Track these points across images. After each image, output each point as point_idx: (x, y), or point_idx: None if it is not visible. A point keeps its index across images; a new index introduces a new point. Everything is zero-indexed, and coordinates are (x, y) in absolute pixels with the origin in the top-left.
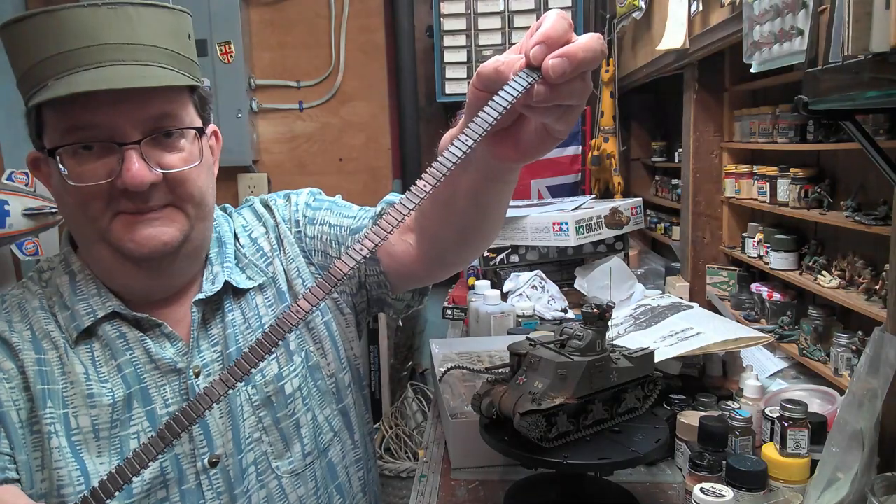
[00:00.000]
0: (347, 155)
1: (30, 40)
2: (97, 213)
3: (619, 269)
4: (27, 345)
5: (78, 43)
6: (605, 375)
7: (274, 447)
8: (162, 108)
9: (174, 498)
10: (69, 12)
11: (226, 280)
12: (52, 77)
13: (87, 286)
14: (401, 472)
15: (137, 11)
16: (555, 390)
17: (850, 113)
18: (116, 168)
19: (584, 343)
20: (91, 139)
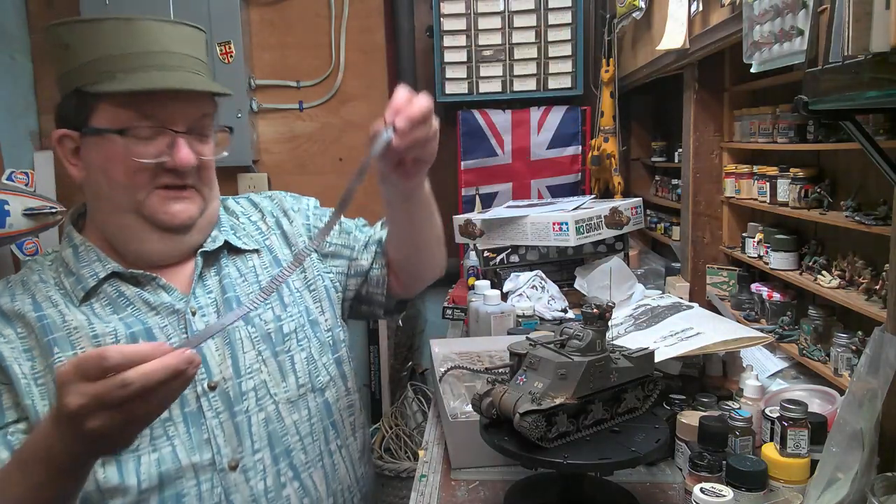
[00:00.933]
0: (347, 155)
1: (100, 38)
2: (141, 185)
3: (619, 269)
4: (28, 307)
5: (148, 47)
6: (605, 375)
7: (272, 377)
8: (203, 109)
9: (177, 419)
10: (142, 22)
11: (225, 239)
12: (120, 71)
13: (87, 254)
14: (401, 472)
15: (189, 31)
16: (555, 390)
17: (850, 113)
18: (165, 151)
19: (584, 343)
20: (153, 126)
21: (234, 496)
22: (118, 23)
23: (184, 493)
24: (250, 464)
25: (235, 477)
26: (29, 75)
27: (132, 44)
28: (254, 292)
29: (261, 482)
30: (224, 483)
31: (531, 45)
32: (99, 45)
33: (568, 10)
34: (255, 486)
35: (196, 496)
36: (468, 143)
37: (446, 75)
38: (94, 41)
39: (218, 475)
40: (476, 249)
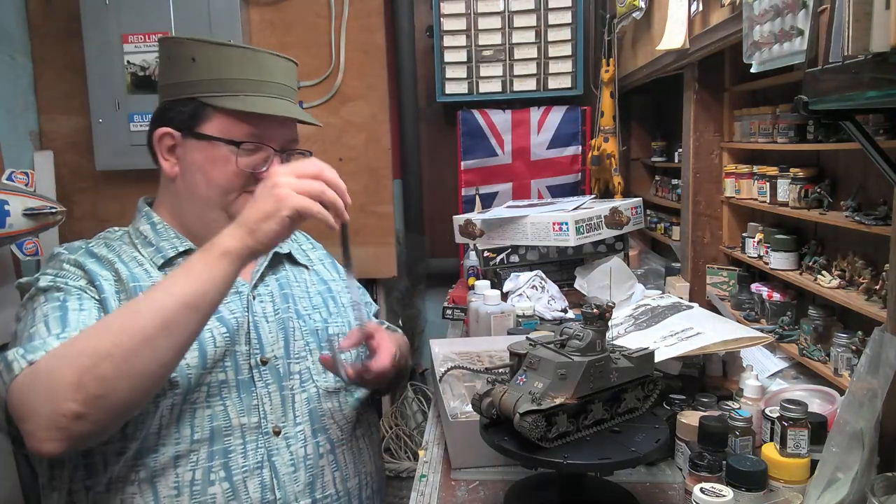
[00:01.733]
0: (347, 155)
1: (227, 60)
2: (234, 189)
3: (619, 269)
4: (118, 261)
5: (265, 76)
6: (605, 375)
7: (316, 366)
8: (295, 135)
9: (231, 384)
10: (263, 54)
11: (289, 250)
12: (244, 92)
13: (166, 231)
14: (401, 472)
15: (291, 65)
16: (555, 390)
17: (850, 113)
18: (261, 164)
19: (584, 343)
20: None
21: (275, 458)
22: (245, 51)
23: (230, 449)
24: (292, 433)
25: (278, 441)
26: (29, 75)
27: (254, 71)
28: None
29: (301, 449)
30: (267, 445)
31: (531, 45)
32: (224, 66)
33: (568, 10)
34: (294, 451)
35: (241, 453)
36: (468, 143)
37: (446, 75)
38: (220, 61)
39: (263, 437)
40: (476, 249)
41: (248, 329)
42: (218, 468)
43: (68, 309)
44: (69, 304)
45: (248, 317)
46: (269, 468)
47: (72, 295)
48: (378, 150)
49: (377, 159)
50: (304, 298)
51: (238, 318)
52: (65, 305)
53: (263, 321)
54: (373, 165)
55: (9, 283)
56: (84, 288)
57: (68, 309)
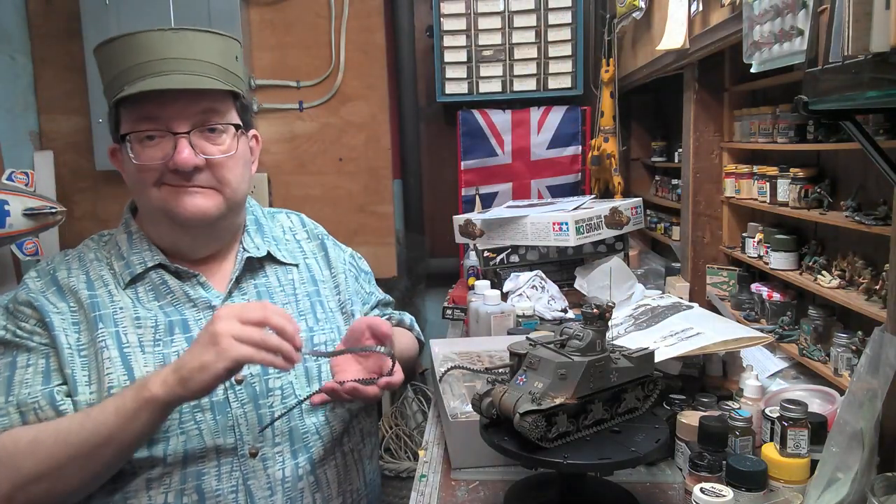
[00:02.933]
0: (347, 155)
1: (113, 56)
2: (150, 183)
3: (619, 269)
4: (82, 285)
5: (148, 56)
6: (605, 375)
7: (298, 380)
8: (208, 106)
9: (205, 406)
10: (143, 34)
11: (268, 250)
12: (127, 83)
13: (140, 243)
14: (401, 472)
15: (195, 35)
16: (555, 390)
17: (850, 113)
18: (170, 153)
19: (584, 343)
20: (153, 129)
21: (251, 481)
22: (126, 38)
23: (204, 472)
24: (269, 454)
25: (254, 464)
26: (29, 75)
27: (137, 56)
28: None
29: (279, 471)
30: (243, 468)
31: (531, 45)
32: (114, 62)
33: (568, 10)
34: (272, 474)
35: (216, 476)
36: (468, 143)
37: (446, 75)
38: (111, 59)
39: (238, 460)
40: (476, 249)
41: None
42: (191, 491)
43: (16, 366)
44: (18, 360)
45: None
46: (245, 492)
47: (20, 348)
48: (378, 150)
49: (377, 159)
50: (289, 304)
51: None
52: (14, 362)
53: None
54: (373, 165)
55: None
56: (32, 331)
57: (16, 366)
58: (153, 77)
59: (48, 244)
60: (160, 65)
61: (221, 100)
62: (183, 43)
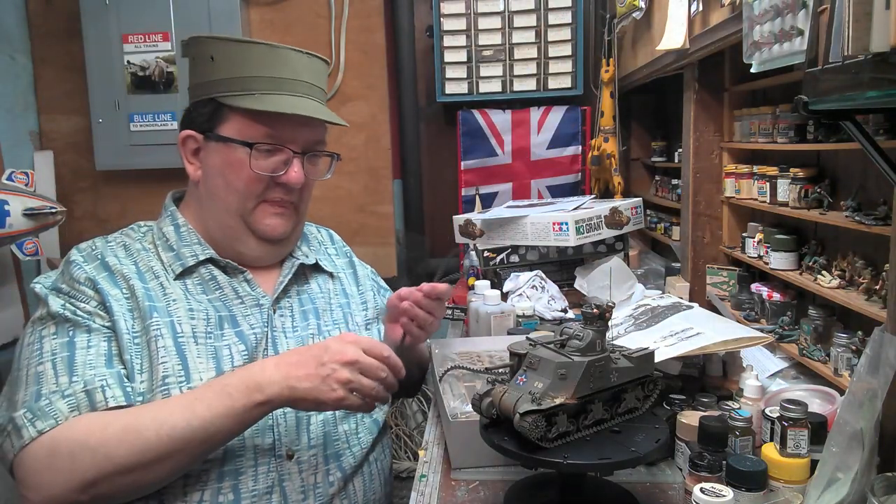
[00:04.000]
0: (347, 155)
1: (245, 58)
2: (253, 192)
3: (619, 269)
4: (132, 272)
5: (286, 74)
6: (605, 375)
7: None
8: (320, 136)
9: None
10: (285, 51)
11: (316, 259)
12: (260, 90)
13: (189, 236)
14: (401, 472)
15: (319, 63)
16: (555, 390)
17: (850, 113)
18: (281, 167)
19: (584, 343)
20: (274, 145)
21: (286, 483)
22: (264, 48)
23: (241, 471)
24: (304, 457)
25: (290, 466)
26: (29, 75)
27: (272, 69)
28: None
29: (311, 476)
30: (279, 469)
31: (531, 45)
32: (243, 65)
33: (568, 10)
34: (305, 478)
35: (252, 476)
36: (468, 143)
37: (446, 75)
38: (239, 59)
39: (275, 461)
40: (476, 249)
41: (267, 345)
42: (227, 490)
43: (76, 347)
44: (77, 341)
45: (267, 332)
46: (280, 493)
47: (80, 327)
48: (378, 150)
49: (377, 159)
50: (326, 311)
51: (257, 334)
52: (73, 342)
53: (283, 337)
54: (373, 165)
55: (9, 282)
56: (94, 312)
57: (76, 347)
58: (290, 96)
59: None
60: (295, 85)
61: (324, 130)
62: (312, 68)
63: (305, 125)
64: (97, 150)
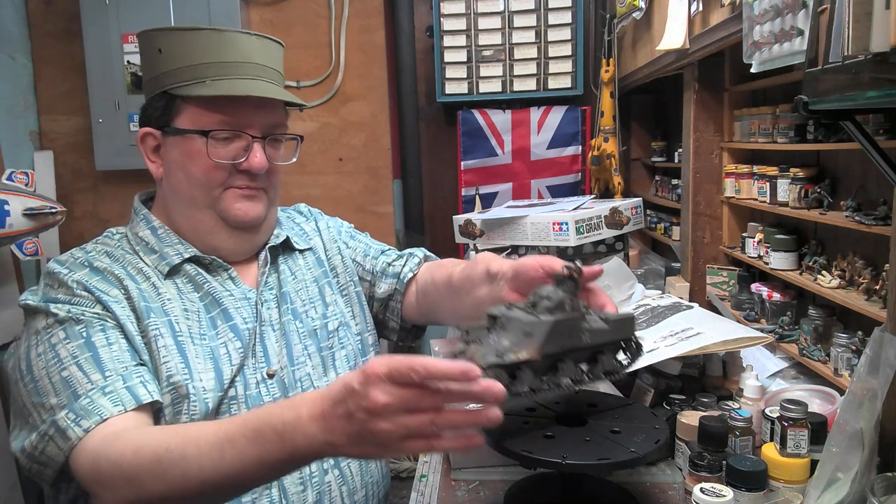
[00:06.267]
0: (347, 155)
1: (193, 46)
2: (217, 181)
3: (619, 269)
4: (124, 274)
5: (235, 57)
6: (574, 335)
7: (315, 370)
8: (279, 119)
9: (241, 399)
10: (232, 34)
11: (287, 235)
12: (210, 77)
13: (168, 237)
14: (401, 472)
15: (272, 44)
16: (520, 347)
17: (850, 113)
18: (242, 153)
19: (552, 303)
20: (231, 131)
21: (284, 477)
22: (211, 33)
23: None
24: None
25: None
26: (29, 75)
27: (221, 53)
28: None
29: (307, 467)
30: None
31: (531, 45)
32: (190, 53)
33: (568, 10)
34: (303, 469)
35: None
36: (468, 143)
37: (446, 75)
38: (186, 48)
39: None
40: (476, 249)
41: (255, 340)
42: None
43: (96, 346)
44: (95, 340)
45: (256, 326)
46: (279, 487)
47: (93, 327)
48: (378, 150)
49: (377, 159)
50: (301, 291)
51: (249, 329)
52: (91, 343)
53: (269, 329)
54: (373, 165)
55: (9, 283)
56: (102, 316)
57: (96, 346)
58: (241, 79)
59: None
60: (245, 68)
61: (284, 113)
62: (264, 50)
63: (262, 108)
64: (97, 150)
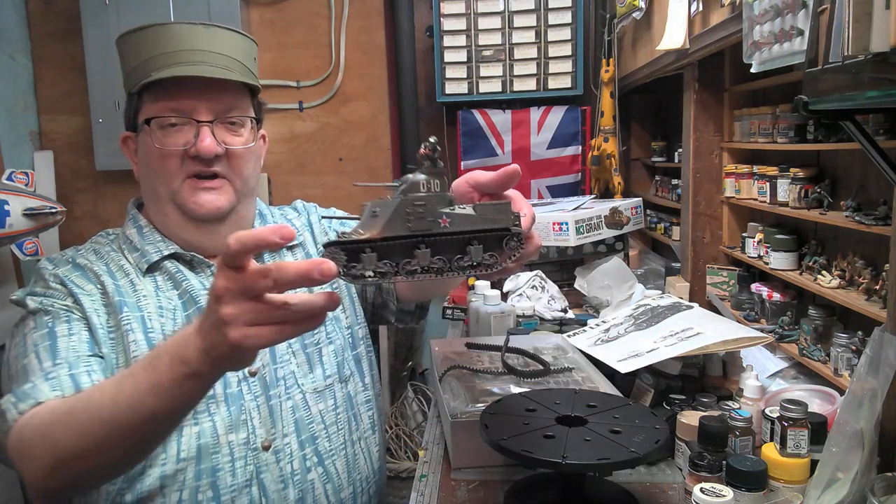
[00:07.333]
0: (347, 155)
1: (143, 44)
2: (173, 172)
3: (619, 269)
4: (104, 273)
5: (177, 46)
6: (429, 219)
7: (300, 368)
8: (229, 102)
9: (219, 398)
10: (175, 26)
11: None
12: (155, 70)
13: (152, 235)
14: (401, 472)
15: (222, 32)
16: (364, 228)
17: (850, 113)
18: (192, 140)
19: (406, 185)
20: (177, 117)
21: (264, 475)
22: (157, 28)
23: (219, 468)
24: (280, 446)
25: (267, 457)
26: (29, 75)
27: (166, 45)
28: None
29: (288, 465)
30: (256, 462)
31: (531, 45)
32: (142, 50)
33: (568, 10)
34: (283, 467)
35: (230, 471)
36: (468, 143)
37: (446, 75)
38: (139, 47)
39: (251, 453)
40: None
41: None
42: (206, 488)
43: (57, 336)
44: (58, 330)
45: None
46: (258, 485)
47: (59, 318)
48: (378, 150)
49: (377, 159)
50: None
51: None
52: (53, 332)
53: None
54: (373, 165)
55: (9, 283)
56: (71, 308)
57: (57, 336)
58: (183, 66)
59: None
60: (189, 55)
61: (241, 96)
62: (211, 37)
63: (208, 92)
64: (97, 150)
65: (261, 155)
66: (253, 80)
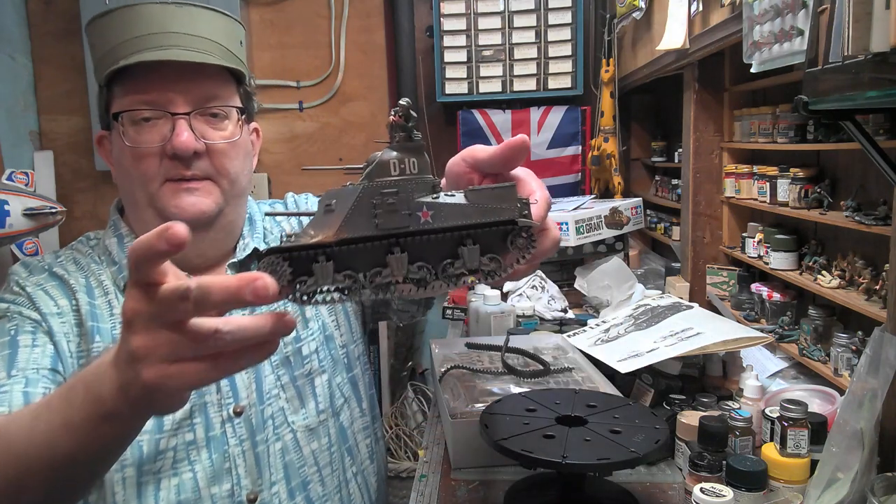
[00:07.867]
0: (347, 155)
1: (109, 29)
2: (150, 174)
3: (619, 269)
4: (82, 289)
5: (147, 30)
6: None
7: (290, 403)
8: (210, 90)
9: (201, 443)
10: (143, 6)
11: (255, 247)
12: (123, 57)
13: None
14: (401, 472)
15: (199, 11)
16: (315, 227)
17: (850, 113)
18: (168, 135)
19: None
20: (150, 110)
21: None
22: (124, 10)
23: None
24: (268, 497)
25: None
26: (29, 75)
27: (134, 29)
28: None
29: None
30: None
31: (531, 45)
32: (109, 36)
33: (568, 10)
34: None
35: None
36: (468, 143)
37: (446, 75)
38: (105, 34)
39: None
40: None
41: None
42: None
43: (18, 345)
44: (20, 339)
45: None
46: None
47: (24, 327)
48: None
49: None
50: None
51: None
52: (15, 341)
53: None
54: None
55: None
56: (38, 322)
57: (18, 345)
58: (153, 50)
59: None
60: (160, 38)
61: (224, 84)
62: (186, 17)
63: (183, 80)
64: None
65: (251, 151)
66: (237, 65)
